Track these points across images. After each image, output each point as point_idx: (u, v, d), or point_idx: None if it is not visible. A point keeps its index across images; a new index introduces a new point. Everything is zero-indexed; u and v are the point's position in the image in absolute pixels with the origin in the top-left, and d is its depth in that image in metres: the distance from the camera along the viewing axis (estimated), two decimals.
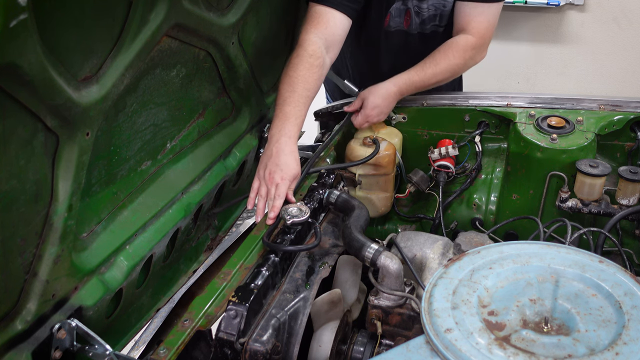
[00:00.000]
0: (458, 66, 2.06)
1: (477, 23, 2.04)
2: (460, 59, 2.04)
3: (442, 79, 2.07)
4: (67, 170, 1.13)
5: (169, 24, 1.33)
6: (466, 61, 2.06)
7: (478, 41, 2.05)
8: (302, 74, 1.75)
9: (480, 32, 2.05)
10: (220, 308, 1.37)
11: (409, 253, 1.52)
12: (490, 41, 2.11)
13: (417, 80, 2.04)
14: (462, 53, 2.04)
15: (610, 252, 1.88)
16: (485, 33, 2.06)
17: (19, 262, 1.09)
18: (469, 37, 2.05)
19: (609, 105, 2.08)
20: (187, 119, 1.62)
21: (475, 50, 2.06)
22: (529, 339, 1.13)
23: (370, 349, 1.46)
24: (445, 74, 2.06)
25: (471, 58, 2.07)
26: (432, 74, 2.04)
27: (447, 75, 2.06)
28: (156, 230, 1.48)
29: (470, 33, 2.05)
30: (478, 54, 2.08)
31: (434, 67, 2.03)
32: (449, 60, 2.03)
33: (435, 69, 2.04)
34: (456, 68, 2.06)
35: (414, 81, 2.04)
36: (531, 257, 1.33)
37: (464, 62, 2.06)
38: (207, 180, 1.70)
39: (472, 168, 2.13)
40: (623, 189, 1.82)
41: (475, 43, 2.05)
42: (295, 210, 1.58)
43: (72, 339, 1.23)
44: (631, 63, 3.78)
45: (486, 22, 2.05)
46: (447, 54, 2.03)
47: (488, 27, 2.06)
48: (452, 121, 2.19)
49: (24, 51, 0.91)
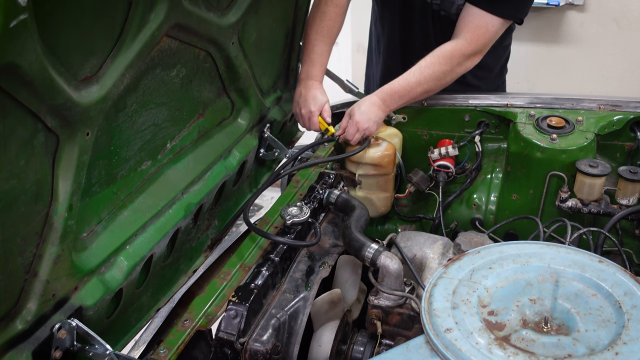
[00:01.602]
0: (444, 73, 1.97)
1: (473, 29, 1.96)
2: (446, 66, 1.95)
3: (428, 88, 1.98)
4: (67, 170, 1.13)
5: (169, 24, 1.33)
6: (453, 68, 1.97)
7: (469, 47, 1.96)
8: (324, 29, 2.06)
9: (474, 39, 1.96)
10: (220, 308, 1.37)
11: (409, 253, 1.52)
12: (486, 50, 2.01)
13: (399, 89, 1.96)
14: (448, 59, 1.95)
15: (610, 252, 1.88)
16: (480, 40, 1.96)
17: (19, 262, 1.09)
18: (460, 42, 1.96)
19: (609, 105, 2.09)
20: (187, 119, 1.62)
21: (465, 57, 1.97)
22: (529, 339, 1.13)
23: (370, 349, 1.46)
24: (431, 83, 1.97)
25: (459, 65, 1.98)
26: (416, 82, 1.95)
27: (433, 83, 1.97)
28: (156, 230, 1.48)
29: (464, 38, 1.96)
30: (468, 60, 1.99)
31: (417, 75, 1.96)
32: (434, 67, 1.95)
33: (419, 76, 1.95)
34: (442, 75, 1.97)
35: (395, 90, 1.96)
36: (531, 257, 1.33)
37: (451, 68, 1.97)
38: (207, 180, 1.70)
39: (472, 168, 2.13)
40: (623, 189, 1.82)
41: (465, 49, 1.96)
42: (295, 210, 1.58)
43: (72, 339, 1.23)
44: (631, 63, 3.78)
45: (484, 30, 1.96)
46: (433, 61, 1.96)
47: (484, 35, 1.97)
48: (452, 121, 2.19)
49: (24, 51, 0.91)
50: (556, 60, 3.95)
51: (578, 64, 3.92)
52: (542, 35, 3.91)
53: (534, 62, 3.99)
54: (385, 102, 1.97)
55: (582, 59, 3.90)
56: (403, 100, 2.00)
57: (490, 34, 1.97)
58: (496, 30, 1.98)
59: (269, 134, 2.03)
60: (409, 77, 1.97)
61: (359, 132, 1.95)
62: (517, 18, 2.01)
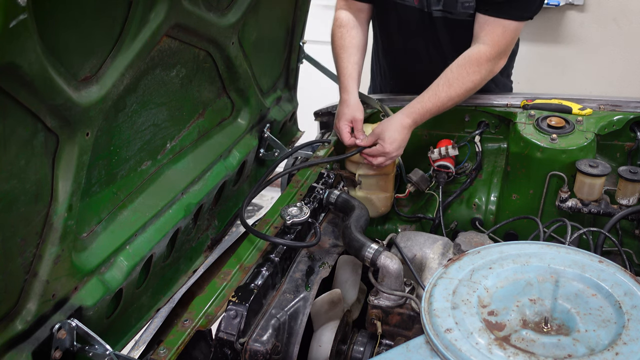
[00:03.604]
0: (474, 83, 1.90)
1: (491, 32, 1.90)
2: (476, 75, 1.89)
3: (459, 100, 1.93)
4: (67, 170, 1.13)
5: (169, 24, 1.33)
6: (484, 76, 1.91)
7: (492, 51, 1.89)
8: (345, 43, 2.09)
9: (495, 41, 1.89)
10: (220, 308, 1.37)
11: (409, 253, 1.52)
12: (509, 52, 1.96)
13: (431, 107, 1.90)
14: (477, 68, 1.89)
15: (610, 252, 1.88)
16: (501, 42, 1.90)
17: (19, 262, 1.09)
18: (482, 47, 1.90)
19: (609, 105, 2.09)
20: (187, 119, 1.62)
21: (492, 62, 1.91)
22: (529, 339, 1.13)
23: (370, 349, 1.46)
24: (462, 94, 1.91)
25: (489, 71, 1.92)
26: (447, 98, 1.89)
27: (464, 95, 1.92)
28: (156, 230, 1.48)
29: (484, 42, 1.90)
30: (495, 65, 1.93)
31: (447, 90, 1.89)
32: (463, 79, 1.89)
33: (450, 91, 1.89)
34: (472, 85, 1.91)
35: (427, 109, 1.90)
36: (531, 257, 1.33)
37: (481, 77, 1.91)
38: (207, 180, 1.70)
39: (472, 168, 2.13)
40: (623, 189, 1.82)
41: (489, 53, 1.89)
42: (295, 210, 1.58)
43: (72, 339, 1.23)
44: (631, 63, 3.78)
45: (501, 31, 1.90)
46: (461, 72, 1.89)
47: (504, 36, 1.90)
48: (452, 121, 2.19)
49: (24, 51, 0.91)
50: (556, 60, 3.95)
51: (578, 64, 3.92)
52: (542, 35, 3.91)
53: (534, 62, 3.98)
54: (415, 122, 1.92)
55: (582, 59, 3.90)
56: (432, 116, 1.95)
57: (509, 35, 1.92)
58: (513, 31, 1.93)
59: (268, 134, 2.03)
60: (439, 91, 1.90)
61: (385, 159, 1.91)
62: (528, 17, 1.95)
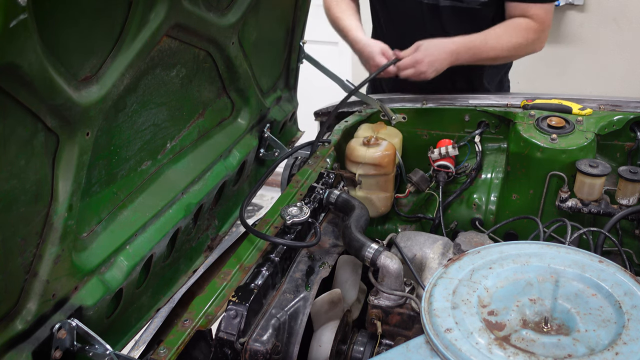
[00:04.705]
0: (519, 46, 1.96)
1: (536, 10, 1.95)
2: (522, 39, 1.94)
3: (498, 56, 1.97)
4: (67, 170, 1.13)
5: (169, 24, 1.33)
6: (528, 43, 1.96)
7: (539, 26, 1.95)
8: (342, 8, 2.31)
9: (541, 17, 1.95)
10: (220, 308, 1.37)
11: (409, 253, 1.52)
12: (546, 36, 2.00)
13: (476, 46, 1.93)
14: (524, 33, 1.94)
15: (610, 252, 1.88)
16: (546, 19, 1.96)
17: (19, 262, 1.09)
18: (530, 20, 1.95)
19: (609, 105, 2.09)
20: (187, 119, 1.62)
21: (537, 35, 1.96)
22: (529, 339, 1.13)
23: (370, 349, 1.46)
24: (504, 51, 1.96)
25: (532, 42, 1.97)
26: (492, 47, 1.94)
27: (505, 52, 1.97)
28: (156, 230, 1.48)
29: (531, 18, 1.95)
30: (538, 40, 1.98)
31: (495, 40, 1.94)
32: (510, 38, 1.94)
33: (496, 42, 1.94)
34: (516, 47, 1.96)
35: (474, 45, 1.93)
36: (531, 257, 1.33)
37: (526, 43, 1.95)
38: (207, 180, 1.70)
39: (472, 168, 2.13)
40: (623, 189, 1.82)
41: (537, 27, 1.95)
42: (295, 210, 1.58)
43: (72, 339, 1.23)
44: (631, 63, 3.78)
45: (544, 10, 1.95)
46: (509, 31, 1.94)
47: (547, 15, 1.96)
48: (452, 121, 2.19)
49: (24, 51, 0.91)
50: (556, 60, 3.95)
51: (578, 64, 3.92)
52: None
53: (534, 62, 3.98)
54: (459, 54, 1.94)
55: (582, 59, 3.90)
56: (473, 59, 1.98)
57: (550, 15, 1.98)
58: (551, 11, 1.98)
59: (269, 134, 2.03)
60: (487, 38, 1.94)
61: (415, 70, 1.93)
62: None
